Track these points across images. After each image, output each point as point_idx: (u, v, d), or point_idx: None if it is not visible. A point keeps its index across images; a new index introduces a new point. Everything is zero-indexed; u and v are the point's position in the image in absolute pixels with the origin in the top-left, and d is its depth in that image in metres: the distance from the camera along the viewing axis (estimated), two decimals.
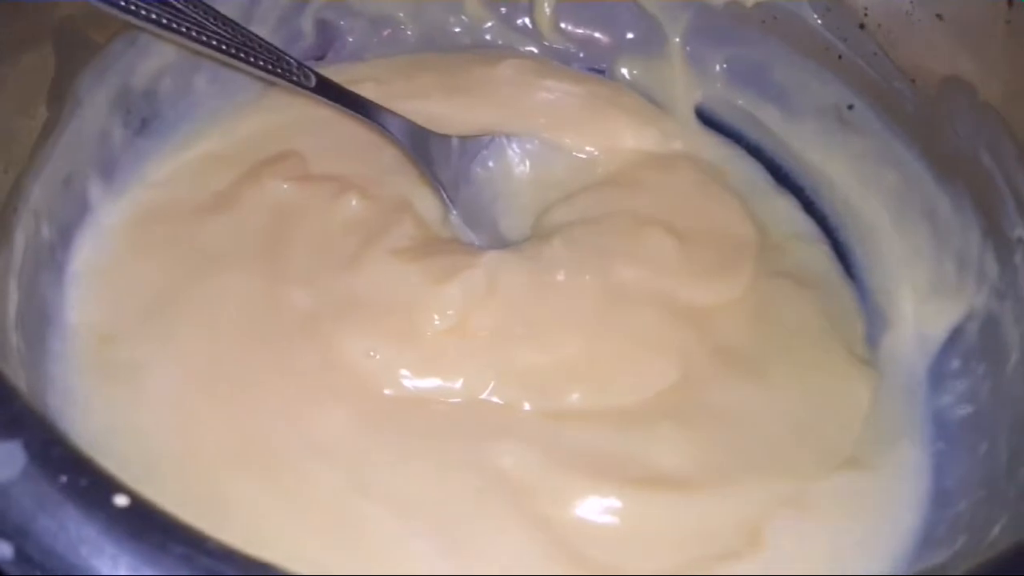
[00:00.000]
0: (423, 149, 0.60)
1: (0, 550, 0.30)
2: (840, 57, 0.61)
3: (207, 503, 0.45)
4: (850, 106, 0.62)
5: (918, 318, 0.57)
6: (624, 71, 0.69)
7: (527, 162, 0.64)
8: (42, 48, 0.51)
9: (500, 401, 0.51)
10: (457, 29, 0.70)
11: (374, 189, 0.59)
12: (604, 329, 0.53)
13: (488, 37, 0.70)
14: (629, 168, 0.63)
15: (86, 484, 0.31)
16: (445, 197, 0.60)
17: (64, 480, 0.31)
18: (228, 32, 0.54)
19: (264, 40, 0.57)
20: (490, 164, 0.63)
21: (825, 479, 0.50)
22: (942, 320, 0.56)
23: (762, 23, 0.64)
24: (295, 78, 0.57)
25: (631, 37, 0.69)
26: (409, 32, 0.70)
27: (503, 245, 0.59)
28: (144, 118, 0.60)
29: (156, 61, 0.59)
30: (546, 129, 0.64)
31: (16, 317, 0.47)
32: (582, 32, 0.70)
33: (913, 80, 0.58)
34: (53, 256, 0.52)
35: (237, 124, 0.62)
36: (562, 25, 0.70)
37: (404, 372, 0.51)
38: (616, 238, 0.58)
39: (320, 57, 0.68)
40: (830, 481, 0.50)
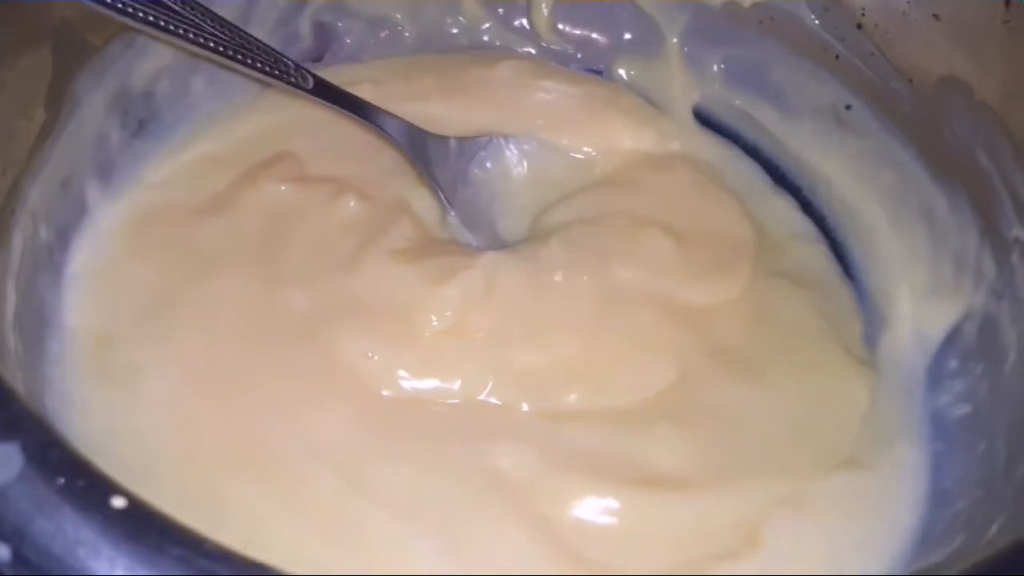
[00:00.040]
0: (421, 150, 0.60)
1: None
2: (837, 57, 0.61)
3: (205, 505, 0.45)
4: (847, 106, 0.62)
5: (916, 318, 0.57)
6: (622, 72, 0.69)
7: (525, 163, 0.64)
8: (40, 50, 0.51)
9: (498, 402, 0.51)
10: (455, 30, 0.70)
11: (372, 190, 0.59)
12: (602, 330, 0.53)
13: (486, 38, 0.70)
14: (627, 169, 0.63)
15: (83, 486, 0.31)
16: (443, 198, 0.60)
17: (61, 482, 0.31)
18: (225, 34, 0.54)
19: (261, 42, 0.57)
20: (488, 165, 0.63)
21: (823, 479, 0.50)
22: (940, 320, 0.56)
23: (759, 23, 0.64)
24: (292, 80, 0.57)
25: (629, 38, 0.69)
26: (407, 33, 0.70)
27: (501, 246, 0.59)
28: (142, 120, 0.59)
29: (153, 63, 0.59)
30: (544, 130, 0.64)
31: (14, 319, 0.47)
32: (580, 33, 0.70)
33: (910, 80, 0.58)
34: (51, 258, 0.52)
35: (234, 126, 0.62)
36: (560, 26, 0.70)
37: (402, 373, 0.51)
38: (614, 239, 0.58)
39: (318, 59, 0.68)
40: (828, 481, 0.50)
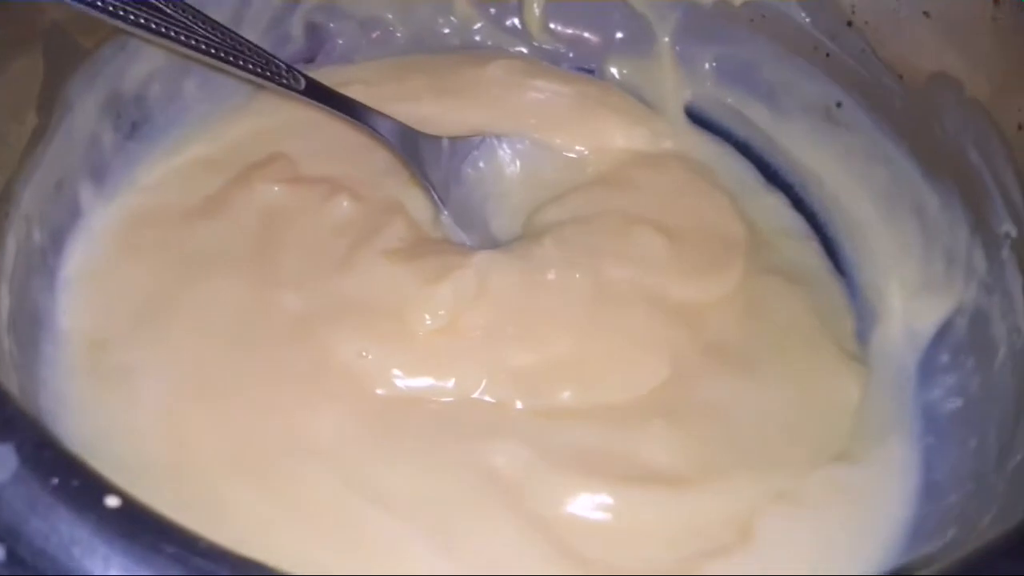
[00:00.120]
0: (413, 150, 0.60)
1: None
2: (828, 55, 0.62)
3: (201, 506, 0.45)
4: (838, 103, 0.62)
5: (907, 313, 0.57)
6: (613, 71, 0.69)
7: (517, 162, 0.64)
8: (31, 53, 0.51)
9: (492, 400, 0.51)
10: (446, 30, 0.70)
11: (365, 191, 0.59)
12: (595, 328, 0.54)
13: (477, 38, 0.70)
14: (619, 167, 0.63)
15: (78, 485, 0.31)
16: (436, 198, 0.60)
17: (56, 482, 0.31)
18: (217, 36, 0.54)
19: (253, 44, 0.57)
20: (481, 165, 0.63)
21: (815, 474, 0.50)
22: (931, 315, 0.56)
23: (750, 22, 0.64)
24: (284, 81, 0.57)
25: (620, 37, 0.69)
26: (398, 34, 0.70)
27: (494, 245, 0.59)
28: (134, 122, 0.60)
29: (146, 66, 0.59)
30: (536, 129, 0.64)
31: (8, 321, 0.47)
32: (571, 32, 0.70)
33: (901, 77, 0.58)
34: (44, 261, 0.52)
35: (227, 128, 0.62)
36: (551, 25, 0.70)
37: (396, 372, 0.51)
38: (606, 237, 0.58)
39: (310, 60, 0.68)
40: (820, 475, 0.50)
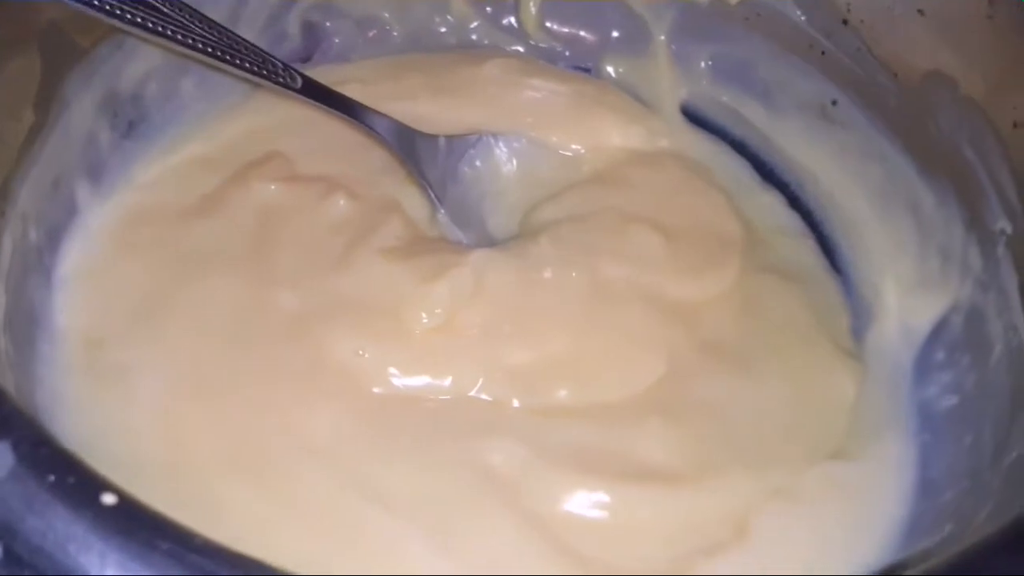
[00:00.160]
0: (410, 149, 0.60)
1: None
2: (824, 53, 0.62)
3: (197, 504, 0.44)
4: (834, 102, 0.63)
5: (903, 311, 0.57)
6: (610, 69, 0.70)
7: (514, 161, 0.64)
8: (28, 52, 0.51)
9: (489, 398, 0.51)
10: (443, 29, 0.70)
11: (361, 189, 0.59)
12: (591, 326, 0.54)
13: (474, 37, 0.71)
14: (615, 166, 0.64)
15: (74, 483, 0.31)
16: (433, 196, 0.60)
17: (52, 479, 0.31)
18: (214, 35, 0.54)
19: (250, 42, 0.57)
20: (477, 163, 0.63)
21: (812, 471, 0.50)
22: (927, 312, 0.56)
23: (746, 20, 0.64)
24: (281, 80, 0.57)
25: (616, 35, 0.69)
26: (395, 33, 0.70)
27: (491, 244, 0.59)
28: (131, 121, 0.60)
29: (142, 65, 0.59)
30: (533, 128, 0.65)
31: (4, 320, 0.47)
32: (568, 31, 0.70)
33: (896, 75, 0.58)
34: (41, 259, 0.52)
35: (224, 126, 0.62)
36: (548, 24, 0.70)
37: (393, 370, 0.51)
38: (603, 235, 0.58)
39: (306, 59, 0.68)
40: (816, 473, 0.50)
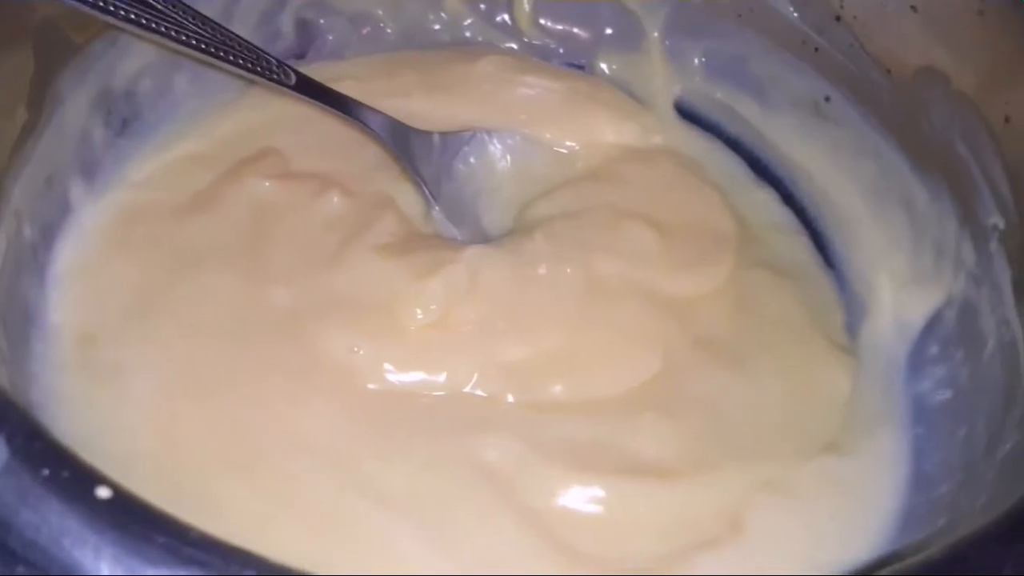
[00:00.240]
0: (404, 145, 0.60)
1: None
2: (817, 49, 0.62)
3: (192, 502, 0.43)
4: (827, 98, 0.63)
5: (897, 306, 0.57)
6: (603, 66, 0.70)
7: (508, 157, 0.64)
8: (22, 49, 0.51)
9: (484, 394, 0.51)
10: (437, 26, 0.70)
11: (356, 186, 0.59)
12: (586, 322, 0.54)
13: (468, 34, 0.71)
14: (609, 162, 0.64)
15: (68, 477, 0.31)
16: (427, 193, 0.60)
17: (46, 473, 0.31)
18: (208, 32, 0.54)
19: (244, 39, 0.56)
20: (471, 160, 0.63)
21: (806, 465, 0.50)
22: (920, 307, 0.56)
23: (739, 17, 0.65)
24: (275, 76, 0.57)
25: (610, 32, 0.69)
26: (389, 30, 0.70)
27: (485, 240, 0.59)
28: (125, 118, 0.59)
29: (136, 61, 0.59)
30: (527, 125, 0.65)
31: None
32: (561, 28, 0.70)
33: (889, 71, 0.58)
34: (35, 257, 0.52)
35: (218, 123, 0.62)
36: (541, 21, 0.70)
37: (388, 367, 0.51)
38: (597, 231, 0.58)
39: (300, 56, 0.67)
40: (811, 467, 0.50)
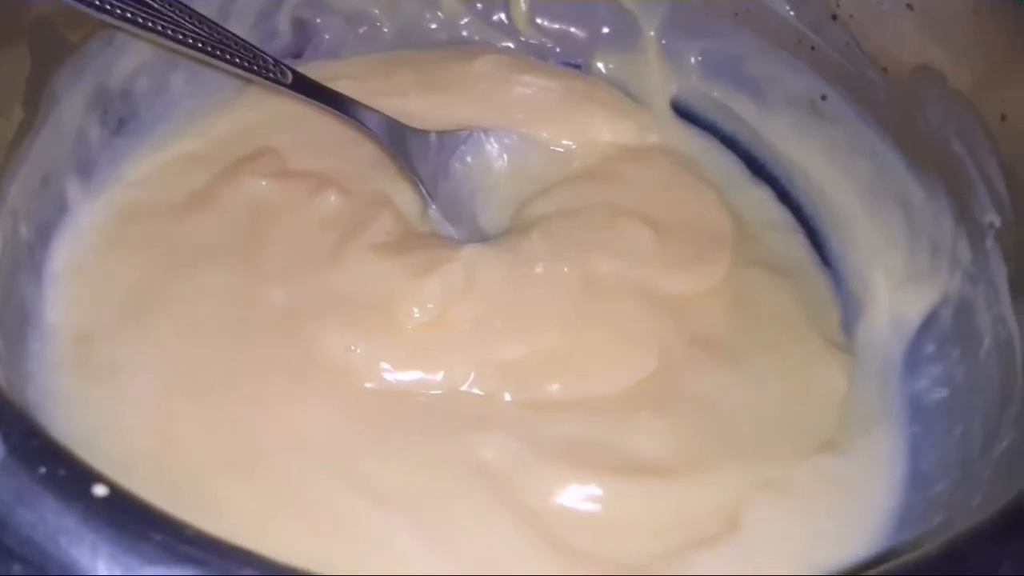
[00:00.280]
0: (401, 144, 0.60)
1: None
2: (813, 48, 0.62)
3: (189, 501, 0.43)
4: (823, 96, 0.63)
5: (893, 304, 0.57)
6: (600, 65, 0.70)
7: (505, 156, 0.64)
8: (17, 48, 0.50)
9: (481, 392, 0.51)
10: (433, 26, 0.70)
11: (352, 185, 0.59)
12: (582, 320, 0.54)
13: (464, 33, 0.71)
14: (606, 161, 0.64)
15: (65, 475, 0.31)
16: (424, 192, 0.60)
17: (43, 471, 0.31)
18: (204, 30, 0.54)
19: (240, 38, 0.56)
20: (468, 159, 0.63)
21: (802, 463, 0.50)
22: (916, 305, 0.56)
23: (736, 16, 0.65)
24: (272, 75, 0.57)
25: (607, 32, 0.69)
26: (385, 29, 0.70)
27: (482, 239, 0.59)
28: (121, 117, 0.59)
29: (133, 60, 0.59)
30: (523, 124, 0.65)
31: None
32: (558, 27, 0.70)
33: (885, 70, 0.58)
34: (31, 256, 0.52)
35: (214, 122, 0.62)
36: (538, 20, 0.70)
37: (385, 366, 0.51)
38: (594, 230, 0.58)
39: (297, 55, 0.67)
40: (807, 465, 0.50)
